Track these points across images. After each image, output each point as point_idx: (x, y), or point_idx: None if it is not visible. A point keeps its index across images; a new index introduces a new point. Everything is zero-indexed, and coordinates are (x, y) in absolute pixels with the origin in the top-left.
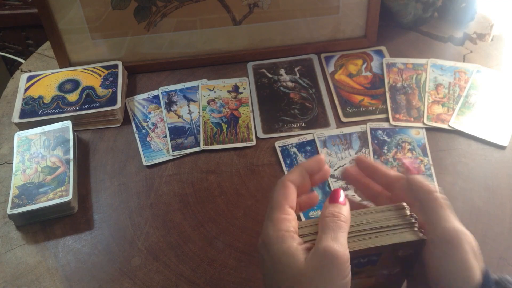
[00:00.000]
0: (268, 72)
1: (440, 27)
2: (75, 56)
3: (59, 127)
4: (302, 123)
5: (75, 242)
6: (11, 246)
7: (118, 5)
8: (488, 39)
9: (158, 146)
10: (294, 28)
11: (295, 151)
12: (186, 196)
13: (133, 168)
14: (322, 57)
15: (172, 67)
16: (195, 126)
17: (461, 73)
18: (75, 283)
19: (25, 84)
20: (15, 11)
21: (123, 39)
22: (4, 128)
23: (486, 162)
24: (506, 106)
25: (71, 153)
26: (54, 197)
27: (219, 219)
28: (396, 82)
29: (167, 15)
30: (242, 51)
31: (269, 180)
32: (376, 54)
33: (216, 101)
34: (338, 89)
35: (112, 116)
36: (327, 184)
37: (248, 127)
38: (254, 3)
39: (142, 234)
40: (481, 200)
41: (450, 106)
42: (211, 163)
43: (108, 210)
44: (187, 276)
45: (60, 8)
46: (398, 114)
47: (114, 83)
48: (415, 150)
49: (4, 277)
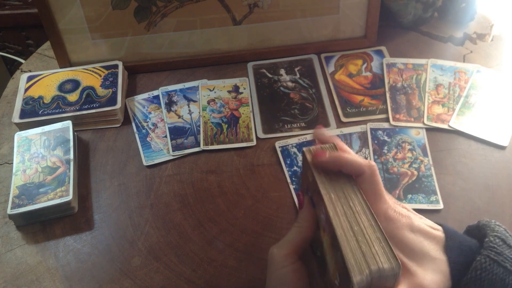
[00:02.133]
0: (268, 72)
1: (440, 27)
2: (75, 56)
3: (59, 127)
4: (302, 123)
5: (75, 242)
6: (11, 246)
7: (118, 5)
8: (488, 39)
9: (158, 146)
10: (294, 28)
11: (295, 151)
12: (186, 196)
13: (133, 168)
14: (322, 57)
15: (172, 67)
16: (195, 126)
17: (461, 73)
18: (75, 283)
19: (25, 84)
20: (15, 11)
21: (123, 39)
22: (4, 128)
23: (486, 162)
24: (506, 106)
25: (71, 153)
26: (54, 197)
27: (219, 219)
28: (396, 82)
29: (167, 15)
30: (242, 51)
31: (269, 180)
32: (376, 54)
33: (216, 101)
34: (338, 89)
35: (112, 116)
36: None
37: (248, 127)
38: (254, 3)
39: (142, 234)
40: (481, 200)
41: (450, 106)
42: (211, 163)
43: (108, 210)
44: (187, 276)
45: (60, 8)
46: (398, 114)
47: (114, 83)
48: (415, 150)
49: (4, 277)
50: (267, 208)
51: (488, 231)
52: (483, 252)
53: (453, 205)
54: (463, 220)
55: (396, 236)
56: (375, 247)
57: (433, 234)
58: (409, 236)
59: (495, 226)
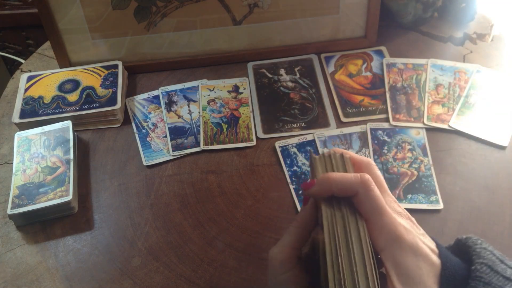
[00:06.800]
0: (268, 72)
1: (440, 27)
2: (75, 56)
3: (59, 127)
4: (302, 123)
5: (75, 242)
6: (11, 246)
7: (118, 5)
8: (488, 39)
9: (158, 146)
10: (294, 28)
11: (295, 151)
12: (186, 196)
13: (133, 168)
14: (322, 57)
15: (172, 67)
16: (195, 126)
17: (461, 73)
18: (75, 283)
19: (25, 84)
20: (15, 11)
21: (123, 39)
22: (4, 128)
23: (486, 162)
24: (506, 106)
25: (71, 153)
26: (54, 197)
27: (219, 219)
28: (396, 82)
29: (167, 15)
30: (242, 51)
31: (269, 180)
32: (376, 54)
33: (216, 101)
34: (338, 89)
35: (112, 116)
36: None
37: (248, 127)
38: (254, 3)
39: (142, 234)
40: (481, 200)
41: (450, 106)
42: (211, 163)
43: (108, 210)
44: (187, 276)
45: (60, 8)
46: (398, 114)
47: (114, 83)
48: (415, 150)
49: (4, 277)
50: (267, 208)
51: (474, 257)
52: (471, 283)
53: (453, 205)
54: (463, 220)
55: (397, 257)
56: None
57: (432, 260)
58: (410, 260)
59: (481, 251)
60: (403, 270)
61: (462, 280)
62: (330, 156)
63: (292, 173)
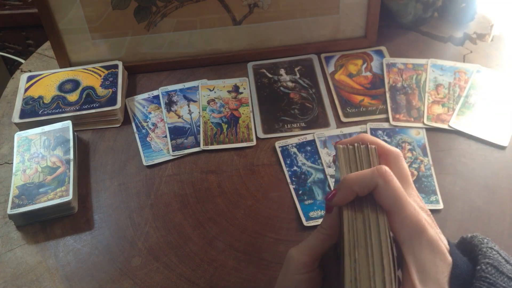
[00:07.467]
0: (268, 72)
1: (440, 27)
2: (75, 56)
3: (59, 127)
4: (302, 123)
5: (75, 242)
6: (11, 246)
7: (118, 5)
8: (488, 39)
9: (158, 146)
10: (294, 28)
11: (295, 151)
12: (186, 196)
13: (133, 168)
14: (322, 57)
15: (172, 67)
16: (195, 126)
17: (461, 73)
18: (75, 283)
19: (25, 84)
20: (15, 11)
21: (123, 39)
22: (4, 128)
23: (486, 162)
24: (506, 106)
25: (71, 153)
26: (54, 197)
27: (219, 219)
28: (396, 82)
29: (167, 15)
30: (242, 51)
31: (269, 180)
32: (376, 54)
33: (216, 101)
34: (338, 89)
35: (112, 116)
36: (327, 184)
37: (248, 127)
38: (254, 3)
39: (142, 234)
40: (481, 200)
41: (450, 106)
42: (211, 163)
43: (108, 210)
44: (187, 276)
45: (60, 8)
46: (398, 114)
47: (114, 83)
48: (415, 150)
49: (4, 277)
50: (267, 208)
51: (480, 257)
52: (476, 284)
53: (453, 205)
54: (463, 220)
55: (416, 252)
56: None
57: (447, 259)
58: (427, 256)
59: (487, 250)
60: (422, 265)
61: (468, 280)
62: (354, 149)
63: (292, 173)
